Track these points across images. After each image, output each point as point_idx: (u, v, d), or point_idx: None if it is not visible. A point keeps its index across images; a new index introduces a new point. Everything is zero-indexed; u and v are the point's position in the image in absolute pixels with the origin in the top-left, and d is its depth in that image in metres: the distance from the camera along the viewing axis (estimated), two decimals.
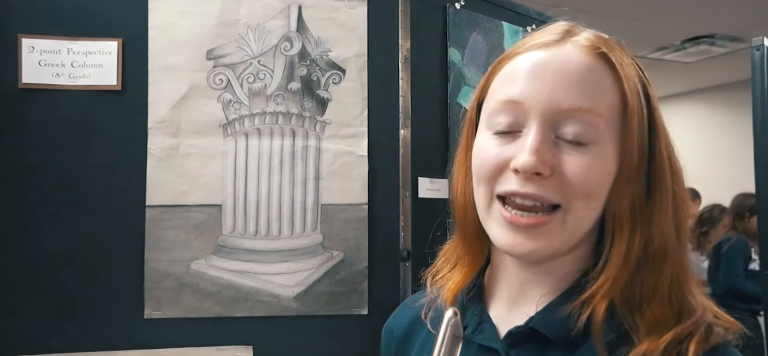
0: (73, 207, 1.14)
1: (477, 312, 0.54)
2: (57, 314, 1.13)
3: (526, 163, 0.46)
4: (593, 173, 0.47)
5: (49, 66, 1.14)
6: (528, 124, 0.48)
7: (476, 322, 0.53)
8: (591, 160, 0.46)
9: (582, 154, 0.47)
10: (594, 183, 0.47)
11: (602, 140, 0.47)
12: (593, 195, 0.47)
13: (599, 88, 0.47)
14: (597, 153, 0.47)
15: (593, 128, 0.46)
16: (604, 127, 0.47)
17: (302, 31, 1.23)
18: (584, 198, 0.47)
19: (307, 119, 1.23)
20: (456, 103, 1.35)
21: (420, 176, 1.27)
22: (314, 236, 1.22)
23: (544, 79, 0.48)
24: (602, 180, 0.47)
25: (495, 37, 1.43)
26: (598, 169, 0.47)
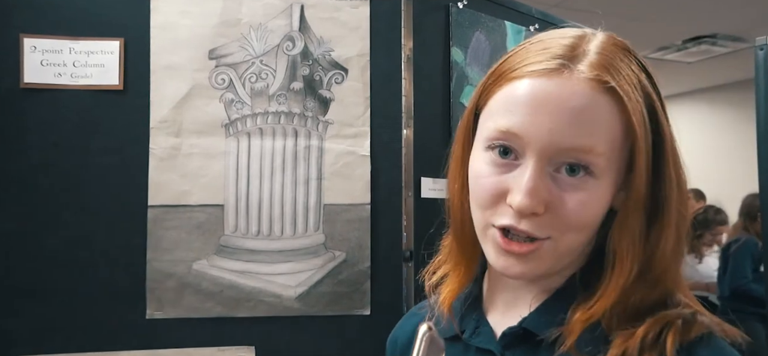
0: (75, 207, 1.14)
1: (475, 317, 0.55)
2: (58, 314, 1.12)
3: (521, 205, 0.46)
4: (589, 208, 0.47)
5: (51, 66, 1.14)
6: (526, 157, 0.47)
7: (473, 326, 0.54)
8: (587, 196, 0.46)
9: (579, 190, 0.46)
10: (589, 216, 0.47)
11: (601, 175, 0.46)
12: (587, 226, 0.48)
13: (601, 125, 0.46)
14: (595, 188, 0.46)
15: (592, 166, 0.46)
16: (604, 164, 0.46)
17: (304, 31, 1.23)
18: (577, 230, 0.47)
19: (309, 119, 1.22)
20: (459, 103, 1.35)
21: (422, 176, 1.27)
22: (316, 236, 1.21)
23: (544, 114, 0.46)
24: (598, 212, 0.48)
25: (498, 36, 1.43)
26: (595, 203, 0.47)
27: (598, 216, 0.48)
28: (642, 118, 0.46)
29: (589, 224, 0.47)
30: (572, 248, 0.48)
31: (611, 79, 0.46)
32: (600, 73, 0.46)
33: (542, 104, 0.46)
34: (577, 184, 0.46)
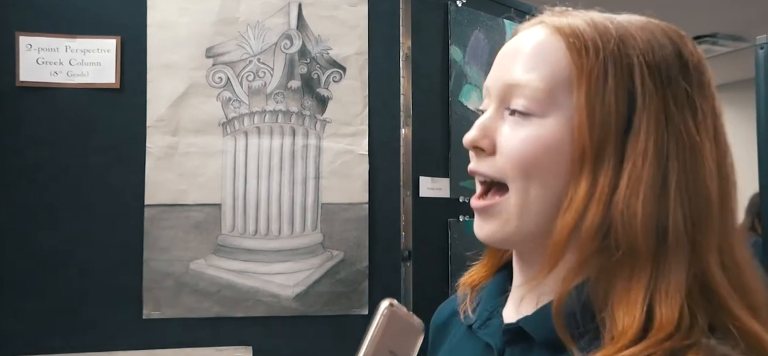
0: (71, 207, 1.13)
1: (489, 308, 0.53)
2: (55, 314, 1.12)
3: (466, 139, 0.47)
4: (528, 146, 0.44)
5: (47, 64, 1.13)
6: (490, 104, 0.49)
7: (485, 317, 0.52)
8: (529, 132, 0.44)
9: (520, 127, 0.44)
10: (529, 156, 0.44)
11: (544, 113, 0.44)
12: (532, 171, 0.44)
13: (545, 60, 0.44)
14: (538, 125, 0.44)
15: (533, 101, 0.44)
16: (546, 99, 0.44)
17: (302, 29, 1.22)
18: (521, 174, 0.44)
19: (307, 118, 1.22)
20: (457, 102, 1.34)
21: (421, 175, 1.26)
22: (314, 236, 1.21)
23: (503, 61, 0.48)
24: (542, 156, 0.43)
25: (496, 34, 1.42)
26: (534, 141, 0.44)
27: (543, 161, 0.43)
28: (591, 53, 0.43)
29: (533, 167, 0.44)
30: (527, 203, 0.44)
31: (568, 23, 0.45)
32: (559, 18, 0.46)
33: (504, 54, 0.48)
34: (521, 122, 0.45)
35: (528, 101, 0.44)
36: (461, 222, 1.32)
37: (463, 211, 1.33)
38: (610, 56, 0.43)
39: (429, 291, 1.27)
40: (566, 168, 0.43)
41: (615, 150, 0.42)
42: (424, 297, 1.25)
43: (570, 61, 0.44)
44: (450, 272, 1.30)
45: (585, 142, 0.42)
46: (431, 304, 1.28)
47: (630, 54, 0.43)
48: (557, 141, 0.43)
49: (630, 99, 0.43)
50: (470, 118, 1.36)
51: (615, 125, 0.42)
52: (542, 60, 0.45)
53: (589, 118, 0.42)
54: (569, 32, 0.44)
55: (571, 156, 0.43)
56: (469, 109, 1.36)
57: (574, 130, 0.43)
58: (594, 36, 0.44)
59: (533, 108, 0.44)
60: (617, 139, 0.42)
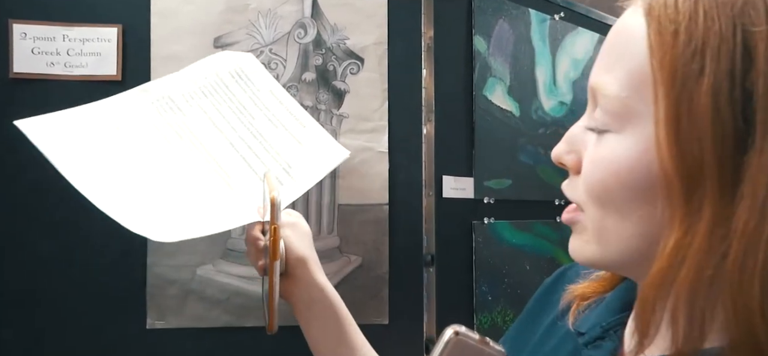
0: (69, 208, 1.05)
1: (605, 323, 0.44)
2: (52, 323, 1.04)
3: (553, 150, 0.41)
4: (596, 169, 0.36)
5: (43, 54, 1.05)
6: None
7: (596, 334, 0.43)
8: (598, 153, 0.36)
9: (597, 145, 0.36)
10: (597, 182, 0.36)
11: (620, 127, 0.34)
12: (604, 200, 0.35)
13: (622, 55, 0.34)
14: (611, 144, 0.35)
15: (608, 112, 0.35)
16: (620, 109, 0.34)
17: (317, 17, 1.14)
18: (592, 201, 0.36)
19: (322, 112, 1.13)
20: (482, 96, 1.26)
21: (444, 174, 1.18)
22: (330, 239, 1.12)
23: (599, 54, 0.39)
24: (612, 183, 0.34)
25: (521, 25, 1.34)
26: (603, 165, 0.35)
27: (625, 187, 0.34)
28: (682, 51, 0.30)
29: (610, 194, 0.34)
30: (605, 232, 0.36)
31: (657, 3, 0.33)
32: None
33: (604, 43, 0.38)
34: (599, 140, 0.36)
35: (603, 112, 0.35)
36: (486, 225, 1.24)
37: (488, 213, 1.25)
38: (714, 40, 0.30)
39: (453, 298, 1.19)
40: (657, 202, 0.32)
41: (720, 182, 0.29)
42: (448, 306, 1.17)
43: (650, 54, 0.32)
44: (474, 278, 1.22)
45: (668, 168, 0.31)
46: (455, 312, 1.20)
47: (752, 30, 0.29)
48: (631, 165, 0.33)
49: (745, 104, 0.29)
50: (495, 113, 1.28)
51: (715, 143, 0.29)
52: (620, 55, 0.35)
53: (672, 132, 0.31)
54: (657, 10, 0.32)
55: (652, 185, 0.32)
56: (493, 104, 1.28)
57: (654, 150, 0.32)
58: (695, 11, 0.31)
59: (608, 121, 0.35)
60: (723, 164, 0.29)
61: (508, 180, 1.29)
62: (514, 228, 1.29)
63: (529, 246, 1.31)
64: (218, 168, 0.68)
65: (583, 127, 0.39)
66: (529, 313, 0.57)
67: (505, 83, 1.30)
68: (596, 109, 0.36)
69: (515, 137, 1.31)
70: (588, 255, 0.38)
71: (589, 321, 0.45)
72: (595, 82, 0.36)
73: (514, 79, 1.32)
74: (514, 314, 1.28)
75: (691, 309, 0.30)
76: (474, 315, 1.21)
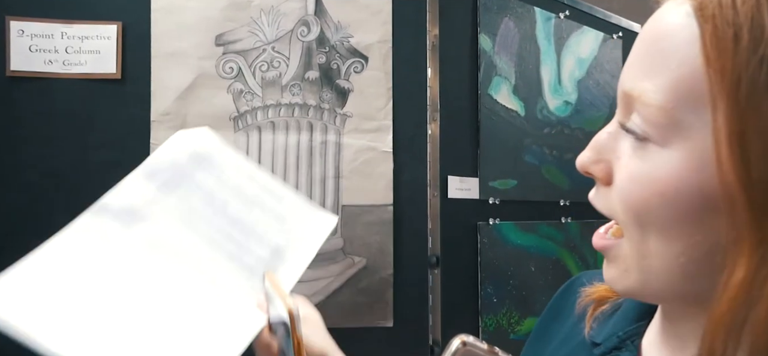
0: (68, 210, 1.02)
1: (621, 335, 0.41)
2: None
3: (578, 158, 0.36)
4: (637, 187, 0.31)
5: (41, 52, 1.03)
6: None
7: (612, 345, 0.41)
8: (638, 168, 0.31)
9: (635, 156, 0.32)
10: (639, 201, 0.31)
11: (665, 141, 0.30)
12: (646, 220, 0.31)
13: (669, 60, 0.30)
14: (653, 158, 0.31)
15: (650, 123, 0.31)
16: (666, 120, 0.30)
17: (320, 15, 1.12)
18: (633, 221, 0.32)
19: (325, 112, 1.11)
20: (487, 95, 1.24)
21: (449, 174, 1.16)
22: (334, 241, 1.10)
23: (631, 55, 0.34)
24: (657, 203, 0.31)
25: (527, 23, 1.32)
26: (646, 182, 0.31)
27: (671, 207, 0.30)
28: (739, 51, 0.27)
29: (645, 214, 0.31)
30: (645, 256, 0.32)
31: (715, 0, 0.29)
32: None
33: (636, 42, 0.34)
34: (637, 148, 0.32)
35: (643, 121, 0.31)
36: (491, 226, 1.22)
37: (493, 214, 1.23)
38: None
39: (458, 300, 1.17)
40: (707, 222, 0.29)
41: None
42: (453, 307, 1.15)
43: (705, 61, 0.28)
44: (480, 280, 1.20)
45: (733, 190, 0.27)
46: (461, 314, 1.18)
47: None
48: (679, 184, 0.30)
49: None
50: (500, 112, 1.26)
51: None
52: (664, 60, 0.30)
53: (738, 150, 0.27)
54: (713, 11, 0.28)
55: (713, 206, 0.29)
56: (498, 103, 1.26)
57: (713, 167, 0.28)
58: (758, 15, 0.27)
59: (650, 132, 0.31)
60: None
61: (514, 180, 1.27)
62: (519, 229, 1.27)
63: (534, 248, 1.30)
64: (205, 275, 0.59)
65: (612, 133, 0.34)
66: (541, 325, 0.54)
67: (511, 82, 1.29)
68: (632, 115, 0.32)
69: (520, 137, 1.30)
70: (628, 284, 0.34)
71: (604, 331, 0.42)
72: (632, 89, 0.32)
73: (520, 78, 1.30)
74: (519, 316, 1.26)
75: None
76: (479, 318, 1.19)
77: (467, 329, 1.18)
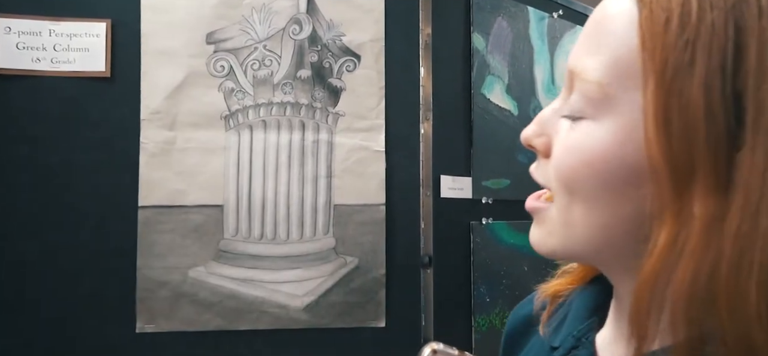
0: (57, 209, 1.02)
1: (576, 332, 0.42)
2: (39, 328, 1.01)
3: (522, 132, 0.39)
4: (568, 156, 0.34)
5: (29, 49, 1.02)
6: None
7: (570, 345, 0.42)
8: (571, 139, 0.34)
9: (570, 129, 0.34)
10: (567, 169, 0.34)
11: (597, 115, 0.32)
12: (574, 189, 0.34)
13: (608, 41, 0.32)
14: (585, 131, 0.33)
15: (585, 98, 0.33)
16: (600, 96, 0.32)
17: (313, 13, 1.11)
18: (562, 188, 0.35)
19: (318, 110, 1.11)
20: (480, 94, 1.23)
21: (442, 174, 1.16)
22: (326, 240, 1.10)
23: (579, 37, 0.36)
24: (584, 172, 0.33)
25: (520, 23, 1.32)
26: (576, 152, 0.33)
27: (598, 177, 0.32)
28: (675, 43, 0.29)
29: (581, 183, 0.33)
30: (573, 221, 0.34)
31: None
32: None
33: (586, 25, 0.36)
34: (573, 125, 0.34)
35: (580, 97, 0.33)
36: (484, 226, 1.22)
37: (486, 213, 1.23)
38: (707, 31, 0.28)
39: (451, 300, 1.17)
40: (628, 193, 0.31)
41: (713, 179, 0.28)
42: (446, 307, 1.15)
43: (640, 42, 0.30)
44: (472, 279, 1.20)
45: (657, 162, 0.29)
46: (453, 315, 1.18)
47: (744, 25, 0.28)
48: (605, 154, 0.32)
49: (736, 101, 0.28)
50: (493, 112, 1.26)
51: (707, 139, 0.28)
52: (604, 40, 0.32)
53: (662, 125, 0.29)
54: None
55: (633, 178, 0.31)
56: (491, 103, 1.26)
57: (640, 142, 0.30)
58: (688, 2, 0.29)
59: (585, 107, 0.33)
60: (716, 161, 0.28)
61: (507, 180, 1.27)
62: (512, 229, 1.27)
63: (527, 247, 1.29)
64: None
65: (555, 110, 0.37)
66: (504, 351, 0.56)
67: (504, 82, 1.28)
68: (572, 94, 0.34)
69: (513, 137, 1.29)
70: (550, 246, 0.37)
71: (560, 334, 0.44)
72: (575, 65, 0.34)
73: (513, 77, 1.30)
74: None
75: (689, 311, 0.29)
76: (472, 317, 1.19)
77: (460, 329, 1.18)
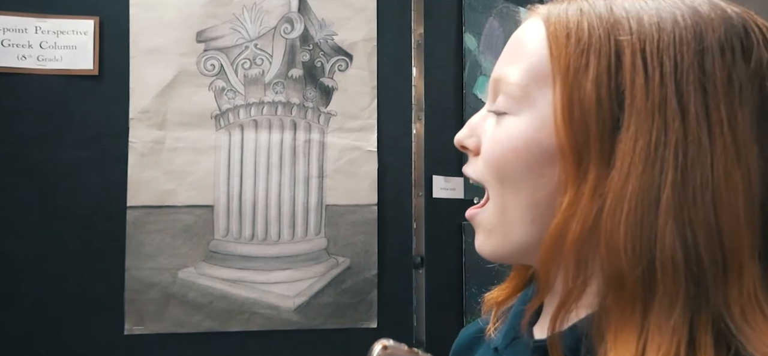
0: (44, 209, 1.00)
1: (516, 326, 0.47)
2: (25, 330, 0.99)
3: (456, 136, 0.45)
4: (496, 146, 0.40)
5: (15, 47, 1.00)
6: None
7: (511, 336, 0.47)
8: (497, 133, 0.41)
9: (496, 126, 0.41)
10: (497, 158, 0.40)
11: (517, 110, 0.40)
12: (503, 175, 0.40)
13: (524, 53, 0.41)
14: (509, 125, 0.40)
15: (508, 98, 0.40)
16: (519, 95, 0.40)
17: (304, 12, 1.11)
18: (493, 178, 0.41)
19: (309, 110, 1.10)
20: (472, 94, 1.23)
21: (434, 174, 1.16)
22: (318, 240, 1.09)
23: (502, 54, 0.44)
24: (510, 157, 0.40)
25: (512, 24, 1.32)
26: (502, 142, 0.40)
27: (522, 161, 0.39)
28: (566, 41, 0.38)
29: (503, 169, 0.40)
30: (505, 210, 0.40)
31: (554, 12, 0.40)
32: (554, 6, 0.41)
33: (507, 45, 0.44)
34: (498, 120, 0.41)
35: (504, 98, 0.41)
36: None
37: None
38: (596, 43, 0.38)
39: (443, 300, 1.16)
40: (545, 173, 0.38)
41: (601, 153, 0.36)
42: (438, 308, 1.15)
43: (548, 52, 0.39)
44: (464, 280, 1.20)
45: (563, 142, 0.37)
46: (445, 315, 1.18)
47: (620, 39, 0.37)
48: (526, 141, 0.39)
49: (618, 93, 0.36)
50: None
51: (597, 123, 0.36)
52: (522, 53, 0.41)
53: (566, 114, 0.37)
54: (554, 20, 0.40)
55: (548, 159, 0.38)
56: (483, 102, 1.25)
57: (553, 127, 0.38)
58: (581, 22, 0.39)
59: (507, 105, 0.40)
60: (603, 139, 0.36)
61: None
62: None
63: None
64: None
65: (483, 114, 0.43)
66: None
67: None
68: (498, 97, 0.41)
69: None
70: (492, 244, 0.42)
71: (501, 332, 0.48)
72: (499, 74, 0.42)
73: None
74: None
75: (579, 254, 0.36)
76: (464, 317, 1.19)
77: (451, 329, 1.18)
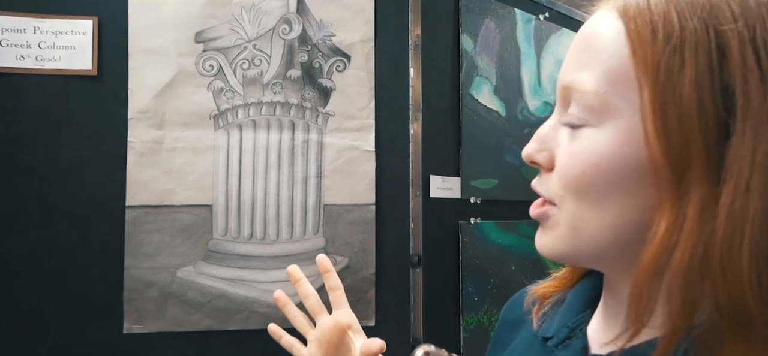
0: (43, 209, 1.00)
1: (570, 323, 0.44)
2: (24, 330, 0.99)
3: (524, 150, 0.40)
4: (575, 162, 0.36)
5: (13, 47, 1.00)
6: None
7: (564, 335, 0.43)
8: (575, 147, 0.36)
9: (572, 139, 0.37)
10: (576, 174, 0.36)
11: (598, 122, 0.35)
12: (583, 193, 0.36)
13: (599, 54, 0.35)
14: (589, 137, 0.35)
15: (584, 108, 0.36)
16: (598, 104, 0.35)
17: (303, 13, 1.11)
18: (572, 194, 0.36)
19: (307, 110, 1.11)
20: (469, 95, 1.25)
21: (431, 174, 1.17)
22: (316, 240, 1.10)
23: (568, 56, 0.39)
24: (592, 174, 0.35)
25: (507, 24, 1.34)
26: (583, 157, 0.35)
27: (606, 177, 0.34)
28: (657, 43, 0.32)
29: (590, 186, 0.35)
30: (580, 223, 0.36)
31: (632, 3, 0.35)
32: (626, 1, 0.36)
33: (572, 45, 0.39)
34: (574, 133, 0.36)
35: (579, 108, 0.36)
36: (473, 225, 1.23)
37: (475, 213, 1.24)
38: (690, 37, 0.32)
39: (440, 299, 1.17)
40: (635, 191, 0.34)
41: (707, 167, 0.31)
42: (435, 307, 1.16)
43: (630, 52, 0.34)
44: (461, 279, 1.21)
45: (656, 157, 0.32)
46: (443, 314, 1.19)
47: (722, 29, 0.31)
48: (611, 157, 0.34)
49: (725, 94, 0.31)
50: (481, 112, 1.27)
51: (700, 132, 0.31)
52: (596, 54, 0.35)
53: (659, 124, 0.32)
54: (633, 12, 0.34)
55: (638, 176, 0.33)
56: (480, 103, 1.27)
57: (642, 140, 0.33)
58: (668, 12, 0.33)
59: (585, 116, 0.36)
60: (708, 151, 0.31)
61: (495, 180, 1.29)
62: (500, 229, 1.29)
63: (514, 247, 1.31)
64: None
65: (552, 125, 0.39)
66: (495, 339, 0.57)
67: (492, 83, 1.30)
68: (570, 106, 0.37)
69: (501, 137, 1.31)
70: (560, 250, 0.38)
71: (553, 324, 0.45)
72: (570, 80, 0.37)
73: (501, 78, 1.31)
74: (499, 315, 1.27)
75: (687, 288, 0.31)
76: (460, 316, 1.20)
77: (448, 328, 1.19)
